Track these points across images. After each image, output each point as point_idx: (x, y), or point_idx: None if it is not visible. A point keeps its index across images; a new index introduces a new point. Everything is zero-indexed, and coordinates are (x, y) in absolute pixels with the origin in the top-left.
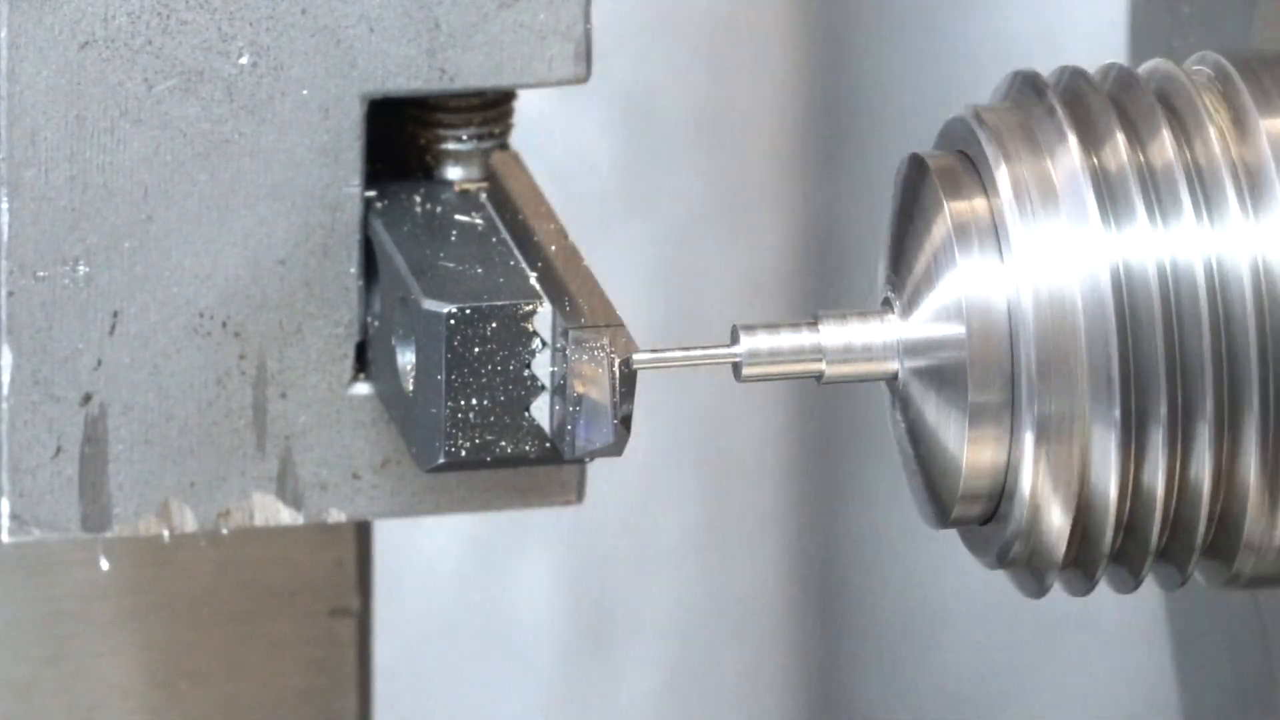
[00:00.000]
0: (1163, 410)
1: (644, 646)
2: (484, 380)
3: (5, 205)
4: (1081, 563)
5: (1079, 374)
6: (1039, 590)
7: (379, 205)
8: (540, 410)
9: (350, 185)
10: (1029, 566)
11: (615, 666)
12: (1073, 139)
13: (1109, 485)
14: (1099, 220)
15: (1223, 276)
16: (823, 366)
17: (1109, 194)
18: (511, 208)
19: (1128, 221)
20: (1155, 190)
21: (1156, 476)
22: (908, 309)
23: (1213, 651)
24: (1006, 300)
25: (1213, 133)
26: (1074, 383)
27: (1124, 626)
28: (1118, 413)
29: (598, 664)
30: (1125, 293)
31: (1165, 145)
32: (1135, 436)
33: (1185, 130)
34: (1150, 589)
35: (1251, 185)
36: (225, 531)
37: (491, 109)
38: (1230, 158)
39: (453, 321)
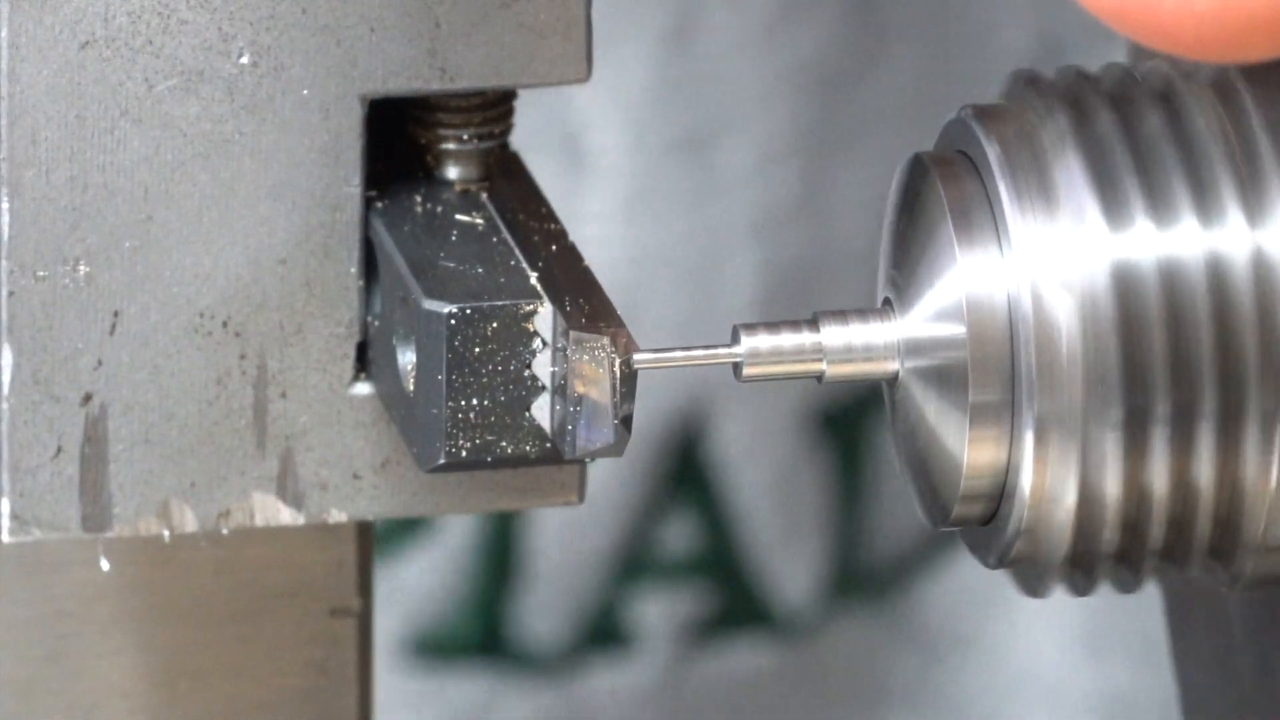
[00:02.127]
0: (1164, 409)
1: None
2: (484, 380)
3: (5, 205)
4: (1083, 562)
5: (1078, 374)
6: (1041, 590)
7: (379, 205)
8: (541, 410)
9: (350, 185)
10: (1031, 566)
11: None
12: (1072, 139)
13: (1109, 485)
14: (1099, 220)
15: (1223, 275)
16: (823, 366)
17: (1108, 194)
18: (512, 208)
19: (1128, 221)
20: (1155, 189)
21: (1159, 476)
22: (908, 309)
23: (1210, 650)
24: (1007, 300)
25: (1211, 132)
26: (1073, 382)
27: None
28: (1114, 413)
29: None
30: (1125, 292)
31: (1164, 145)
32: (1135, 436)
33: (1183, 129)
34: (1150, 589)
35: (1251, 183)
36: (225, 531)
37: (492, 109)
38: (1229, 157)
39: (453, 321)
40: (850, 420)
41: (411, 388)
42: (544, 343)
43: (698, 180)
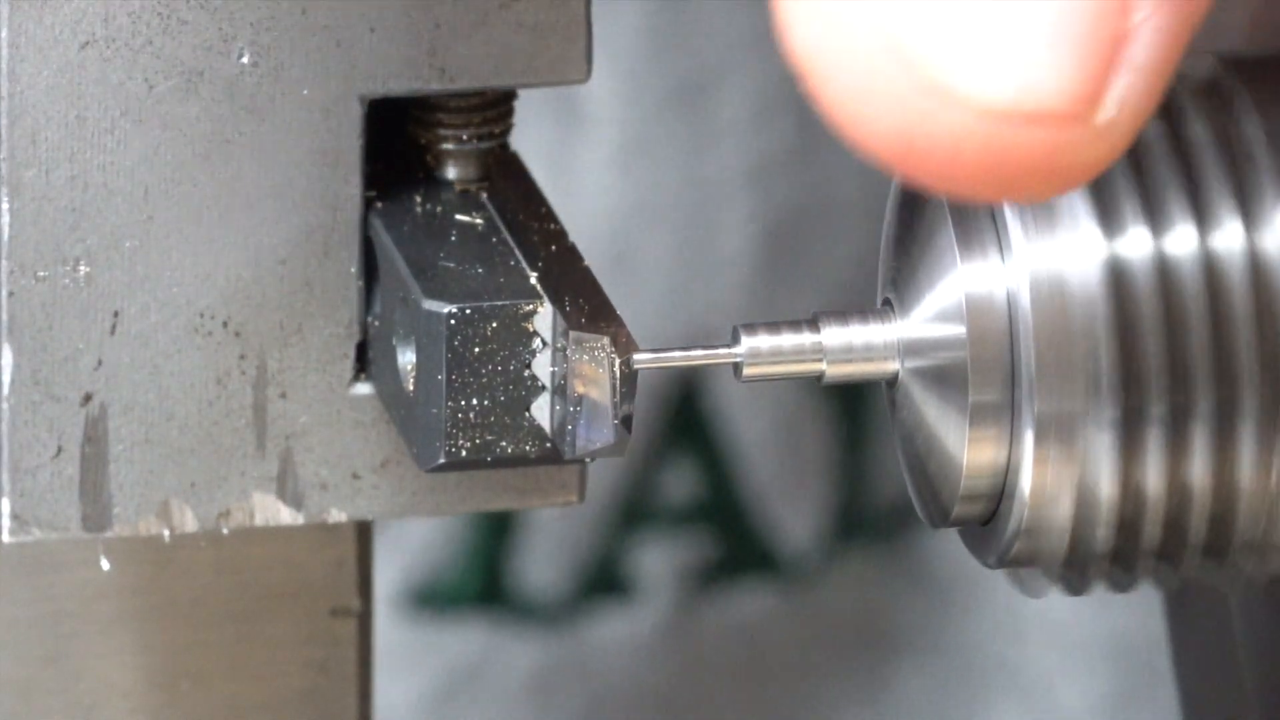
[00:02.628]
0: (1161, 410)
1: None
2: (484, 380)
3: (6, 205)
4: (1080, 562)
5: (1077, 374)
6: (1039, 590)
7: (379, 205)
8: (541, 410)
9: (350, 185)
10: (1029, 566)
11: None
12: None
13: (1109, 485)
14: (1097, 222)
15: (1220, 275)
16: (823, 366)
17: (1105, 196)
18: (512, 208)
19: (1126, 222)
20: (1151, 190)
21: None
22: (908, 309)
23: (1210, 650)
24: (1007, 300)
25: (1206, 134)
26: (1072, 383)
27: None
28: (1114, 413)
29: None
30: (1123, 293)
31: (1160, 148)
32: (1132, 436)
33: (1179, 131)
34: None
35: (1247, 183)
36: (225, 531)
37: (492, 109)
38: (1225, 156)
39: (453, 321)
40: None
41: (411, 388)
42: (544, 343)
43: (693, 129)
